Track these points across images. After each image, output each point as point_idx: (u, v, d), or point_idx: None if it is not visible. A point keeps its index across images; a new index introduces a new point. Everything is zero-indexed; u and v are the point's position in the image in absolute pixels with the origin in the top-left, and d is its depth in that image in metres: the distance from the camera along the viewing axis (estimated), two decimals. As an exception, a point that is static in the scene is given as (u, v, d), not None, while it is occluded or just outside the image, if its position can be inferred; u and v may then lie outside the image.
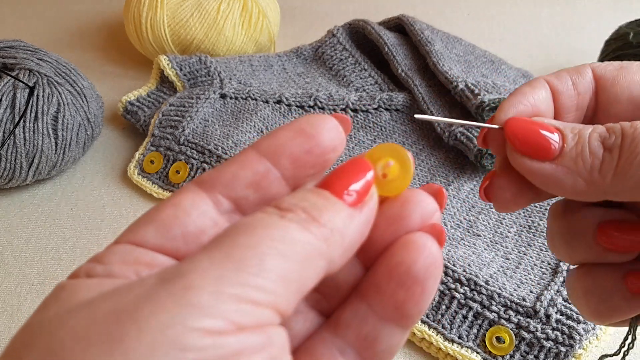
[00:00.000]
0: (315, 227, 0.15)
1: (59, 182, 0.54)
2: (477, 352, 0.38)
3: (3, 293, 0.44)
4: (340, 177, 0.16)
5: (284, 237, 0.14)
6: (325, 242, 0.15)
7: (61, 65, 0.51)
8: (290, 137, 0.17)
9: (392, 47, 0.62)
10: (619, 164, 0.19)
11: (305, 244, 0.14)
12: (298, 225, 0.14)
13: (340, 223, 0.15)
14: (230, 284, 0.13)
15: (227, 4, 0.64)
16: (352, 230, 0.16)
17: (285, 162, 0.17)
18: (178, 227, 0.16)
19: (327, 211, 0.15)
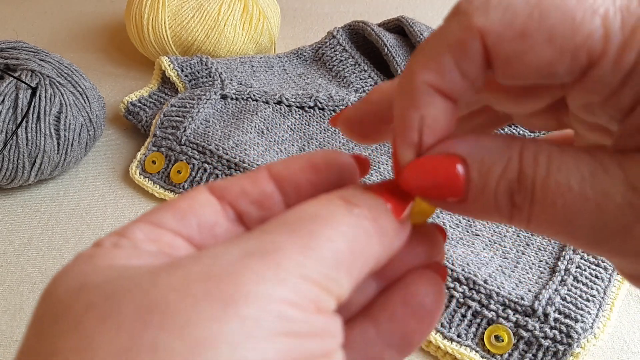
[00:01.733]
0: (376, 228, 0.15)
1: (61, 182, 0.54)
2: (476, 350, 0.39)
3: (5, 292, 0.44)
4: (389, 190, 0.17)
5: (353, 234, 0.15)
6: (381, 245, 0.16)
7: (63, 66, 0.52)
8: (301, 168, 0.17)
9: (391, 48, 0.62)
10: (530, 226, 0.16)
11: (369, 244, 0.15)
12: (365, 223, 0.15)
13: (392, 231, 0.16)
14: (312, 270, 0.14)
15: (228, 6, 0.64)
16: (396, 242, 0.16)
17: (289, 190, 0.17)
18: (194, 216, 0.16)
19: (385, 216, 0.16)
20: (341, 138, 0.56)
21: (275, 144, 0.55)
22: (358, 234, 0.15)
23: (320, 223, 0.15)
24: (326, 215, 0.15)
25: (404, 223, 0.17)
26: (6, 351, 0.40)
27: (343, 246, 0.14)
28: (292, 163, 0.18)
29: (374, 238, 0.15)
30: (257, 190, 0.17)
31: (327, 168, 0.17)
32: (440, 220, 0.47)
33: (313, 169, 0.17)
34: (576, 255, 0.43)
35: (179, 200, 0.17)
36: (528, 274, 0.42)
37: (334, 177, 0.18)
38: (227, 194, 0.17)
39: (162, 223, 0.16)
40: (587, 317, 0.38)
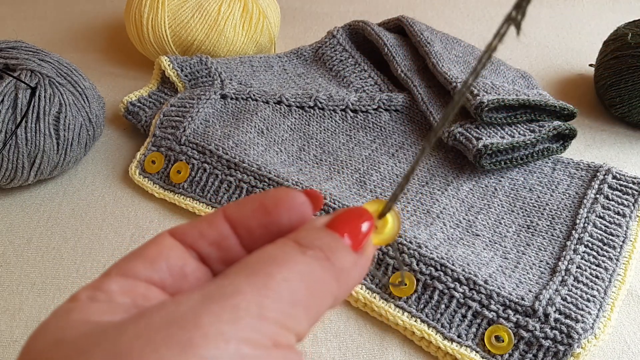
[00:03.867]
0: (329, 266, 0.16)
1: (60, 182, 0.54)
2: (476, 351, 0.39)
3: (5, 292, 0.44)
4: (347, 222, 0.18)
5: (309, 274, 0.16)
6: (336, 282, 0.16)
7: (63, 66, 0.52)
8: (252, 210, 0.18)
9: (391, 48, 0.62)
10: None
11: (324, 282, 0.16)
12: (318, 263, 0.16)
13: (347, 265, 0.17)
14: (270, 309, 0.15)
15: (228, 5, 0.64)
16: (355, 274, 0.17)
17: (242, 231, 0.18)
18: (163, 261, 0.17)
19: (338, 253, 0.17)
20: (341, 138, 0.56)
21: (275, 144, 0.54)
22: (313, 273, 0.16)
23: (278, 265, 0.16)
24: (282, 258, 0.16)
25: (364, 253, 0.18)
26: (5, 351, 0.40)
27: (299, 286, 0.15)
28: (244, 205, 0.18)
29: (328, 276, 0.16)
30: (214, 233, 0.18)
31: (277, 209, 0.18)
32: (441, 220, 0.47)
33: (263, 211, 0.18)
34: (577, 255, 0.43)
35: (147, 248, 0.17)
36: (528, 274, 0.42)
37: (285, 217, 0.18)
38: (187, 238, 0.18)
39: (134, 273, 0.17)
40: (587, 317, 0.38)
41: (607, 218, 0.46)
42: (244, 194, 0.49)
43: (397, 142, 0.56)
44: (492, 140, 0.50)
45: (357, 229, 0.18)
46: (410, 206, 0.49)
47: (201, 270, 0.18)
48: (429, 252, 0.42)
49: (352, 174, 0.52)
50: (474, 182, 0.51)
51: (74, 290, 0.44)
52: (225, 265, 0.18)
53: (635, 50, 0.57)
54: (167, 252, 0.17)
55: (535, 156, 0.52)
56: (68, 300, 0.16)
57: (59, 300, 0.43)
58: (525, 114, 0.52)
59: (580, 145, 0.59)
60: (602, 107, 0.65)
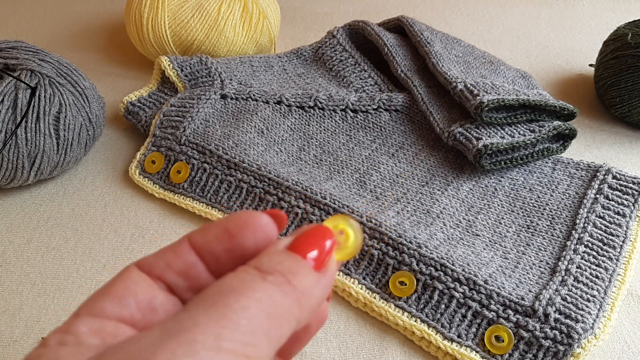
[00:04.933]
0: (290, 290, 0.17)
1: (60, 183, 0.54)
2: (476, 351, 0.39)
3: (5, 292, 0.44)
4: (308, 242, 0.18)
5: (269, 300, 0.16)
6: (298, 305, 0.17)
7: (62, 66, 0.52)
8: (216, 236, 0.18)
9: (391, 48, 0.62)
10: None
11: (284, 306, 0.16)
12: (278, 288, 0.16)
13: (309, 286, 0.17)
14: (227, 340, 0.15)
15: (228, 5, 0.64)
16: (317, 293, 0.17)
17: (208, 257, 0.18)
18: (131, 296, 0.17)
19: (300, 275, 0.17)
20: (341, 138, 0.56)
21: (275, 144, 0.55)
22: (273, 299, 0.16)
23: (236, 294, 0.16)
24: (241, 286, 0.16)
25: (327, 271, 0.18)
26: (5, 351, 0.40)
27: (258, 313, 0.15)
28: (209, 232, 0.19)
29: (289, 300, 0.16)
30: (180, 262, 0.18)
31: (241, 233, 0.18)
32: (441, 220, 0.47)
33: (227, 235, 0.18)
34: (577, 255, 0.43)
35: (114, 284, 0.18)
36: (528, 274, 0.42)
37: (250, 240, 0.18)
38: (154, 269, 0.18)
39: (103, 312, 0.17)
40: (587, 317, 0.38)
41: (607, 218, 0.46)
42: (243, 194, 0.49)
43: (397, 142, 0.56)
44: (492, 140, 0.50)
45: (318, 248, 0.18)
46: (410, 206, 0.49)
47: (170, 301, 0.18)
48: (429, 252, 0.42)
49: (352, 174, 0.52)
50: (474, 182, 0.51)
51: (74, 290, 0.44)
52: (195, 293, 0.18)
53: (635, 50, 0.57)
54: (134, 287, 0.17)
55: (535, 156, 0.52)
56: (38, 346, 0.16)
57: (59, 300, 0.43)
58: (525, 114, 0.52)
59: (580, 145, 0.59)
60: (602, 107, 0.65)
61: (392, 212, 0.47)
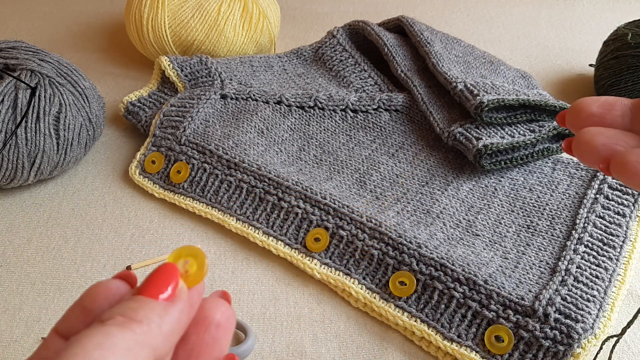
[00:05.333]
0: (133, 324, 0.17)
1: (60, 182, 0.54)
2: (476, 351, 0.39)
3: (5, 292, 0.44)
4: (152, 281, 0.19)
5: (106, 340, 0.17)
6: (144, 335, 0.17)
7: (62, 66, 0.52)
8: (76, 316, 0.20)
9: (391, 48, 0.62)
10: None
11: (127, 339, 0.17)
12: (118, 327, 0.17)
13: (155, 317, 0.18)
14: None
15: (228, 5, 0.64)
16: (168, 320, 0.18)
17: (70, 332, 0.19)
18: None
19: (142, 310, 0.18)
20: (341, 138, 0.56)
21: (275, 144, 0.55)
22: (111, 336, 0.17)
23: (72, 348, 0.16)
24: (79, 340, 0.17)
25: (177, 299, 0.19)
26: (5, 351, 0.40)
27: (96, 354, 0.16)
28: (69, 316, 0.20)
29: (131, 333, 0.17)
30: (52, 352, 0.19)
31: (95, 304, 0.19)
32: (441, 220, 0.47)
33: (85, 312, 0.19)
34: (577, 255, 0.43)
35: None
36: (528, 274, 0.42)
37: (105, 306, 0.19)
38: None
39: None
40: (587, 317, 0.38)
41: (607, 218, 0.46)
42: (243, 194, 0.49)
43: (397, 142, 0.56)
44: (492, 140, 0.50)
45: (161, 285, 0.19)
46: (410, 206, 0.49)
47: None
48: (428, 252, 0.42)
49: (352, 173, 0.52)
50: (474, 182, 0.51)
51: (74, 290, 0.44)
52: None
53: (635, 50, 0.57)
54: None
55: (535, 156, 0.52)
56: None
57: (58, 300, 0.43)
58: (525, 114, 0.52)
59: (580, 145, 0.59)
60: (602, 107, 0.65)
61: (392, 212, 0.47)
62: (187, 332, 0.20)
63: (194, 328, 0.20)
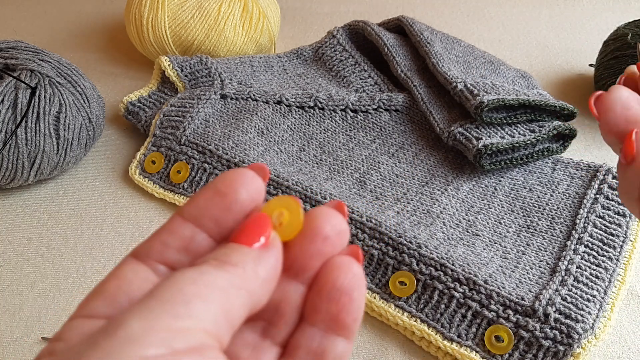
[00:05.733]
0: (228, 267, 0.17)
1: (60, 182, 0.54)
2: (476, 351, 0.39)
3: (5, 292, 0.44)
4: (244, 231, 0.18)
5: (202, 276, 0.16)
6: (239, 277, 0.17)
7: (62, 66, 0.52)
8: (208, 198, 0.19)
9: (391, 48, 0.62)
10: None
11: (221, 279, 0.16)
12: (212, 267, 0.17)
13: (250, 261, 0.17)
14: (160, 318, 0.15)
15: (228, 5, 0.64)
16: (263, 266, 0.18)
17: (207, 223, 0.18)
18: (123, 295, 0.17)
19: (236, 254, 0.17)
20: (341, 138, 0.56)
21: (275, 144, 0.55)
22: (207, 274, 0.16)
23: (168, 282, 0.16)
24: (173, 276, 0.16)
25: (270, 247, 0.18)
26: (5, 351, 0.40)
27: (189, 287, 0.16)
28: (198, 198, 0.19)
29: (226, 274, 0.17)
30: (177, 239, 0.18)
31: (232, 189, 0.19)
32: (441, 220, 0.47)
33: (220, 195, 0.18)
34: (577, 255, 0.43)
35: (107, 282, 0.18)
36: (528, 274, 0.42)
37: (243, 193, 0.19)
38: (151, 254, 0.18)
39: (94, 313, 0.17)
40: (587, 317, 0.38)
41: (607, 218, 0.46)
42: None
43: (397, 142, 0.56)
44: (492, 140, 0.50)
45: (254, 234, 0.18)
46: (410, 206, 0.49)
47: None
48: (428, 252, 0.42)
49: (352, 173, 0.52)
50: (474, 182, 0.51)
51: (74, 290, 0.44)
52: None
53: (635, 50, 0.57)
54: (127, 284, 0.17)
55: (535, 156, 0.52)
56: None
57: (58, 300, 0.43)
58: (525, 114, 0.52)
59: (580, 145, 0.59)
60: (602, 107, 0.65)
61: (392, 212, 0.47)
62: (292, 241, 0.19)
63: (300, 238, 0.19)
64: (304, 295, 0.19)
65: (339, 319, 0.19)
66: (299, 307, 0.19)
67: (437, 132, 0.54)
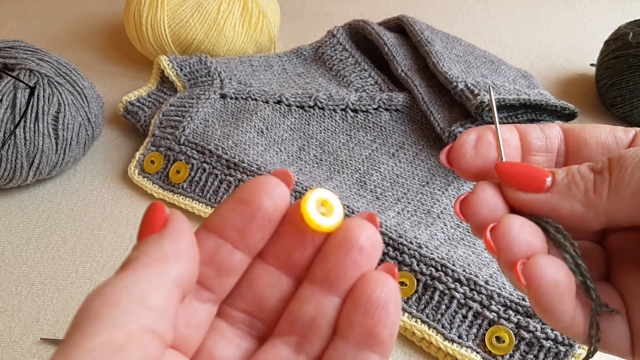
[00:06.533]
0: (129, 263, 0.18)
1: (59, 182, 0.54)
2: (477, 351, 0.38)
3: (4, 293, 0.44)
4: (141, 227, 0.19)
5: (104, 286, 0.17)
6: (145, 265, 0.18)
7: (61, 66, 0.52)
8: (231, 208, 0.18)
9: (392, 48, 0.62)
10: (612, 180, 0.19)
11: (127, 278, 0.17)
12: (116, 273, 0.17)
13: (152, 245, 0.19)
14: (76, 344, 0.15)
15: (228, 4, 0.64)
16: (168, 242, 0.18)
17: (231, 233, 0.18)
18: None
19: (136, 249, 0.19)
20: (341, 138, 0.56)
21: (275, 144, 0.54)
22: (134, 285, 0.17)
23: None
24: None
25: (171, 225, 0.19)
26: (5, 352, 0.40)
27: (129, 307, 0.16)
28: (221, 209, 0.18)
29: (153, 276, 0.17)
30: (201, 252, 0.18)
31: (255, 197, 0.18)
32: (441, 221, 0.47)
33: (242, 204, 0.18)
34: (578, 255, 0.43)
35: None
36: (529, 274, 0.42)
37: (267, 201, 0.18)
38: None
39: None
40: (589, 318, 0.38)
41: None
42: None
43: (397, 141, 0.56)
44: (493, 140, 0.50)
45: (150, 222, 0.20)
46: (410, 206, 0.48)
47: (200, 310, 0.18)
48: (429, 252, 0.42)
49: (352, 173, 0.52)
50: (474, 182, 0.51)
51: (73, 290, 0.44)
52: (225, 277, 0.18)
53: (636, 49, 0.57)
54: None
55: (536, 156, 0.52)
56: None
57: (57, 301, 0.43)
58: (526, 113, 0.52)
59: (581, 145, 0.59)
60: (604, 106, 0.65)
61: (393, 212, 0.47)
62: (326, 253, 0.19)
63: (335, 249, 0.19)
64: (338, 309, 0.19)
65: (374, 332, 0.18)
66: (333, 321, 0.19)
67: (438, 131, 0.54)
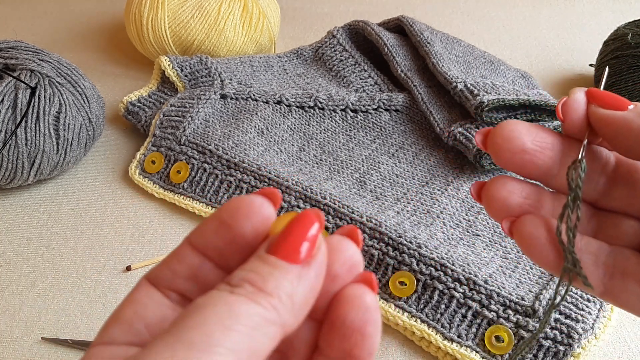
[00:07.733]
0: (262, 297, 0.15)
1: (60, 182, 0.54)
2: (476, 351, 0.38)
3: (5, 292, 0.44)
4: (287, 237, 0.16)
5: (230, 312, 0.15)
6: (274, 310, 0.15)
7: (62, 66, 0.52)
8: (213, 229, 0.17)
9: (391, 48, 0.62)
10: None
11: (252, 316, 0.15)
12: (245, 298, 0.15)
13: (288, 287, 0.16)
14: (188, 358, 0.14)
15: (228, 5, 0.64)
16: (301, 290, 0.16)
17: (212, 254, 0.18)
18: (139, 321, 0.17)
19: (273, 278, 0.16)
20: (341, 138, 0.56)
21: (275, 144, 0.54)
22: (236, 311, 0.15)
23: (196, 314, 0.15)
24: (203, 304, 0.15)
25: (312, 262, 0.16)
26: (5, 351, 0.40)
27: (215, 327, 0.14)
28: (205, 228, 0.18)
29: (260, 308, 0.15)
30: (185, 267, 0.18)
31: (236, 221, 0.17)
32: (441, 220, 0.47)
33: (224, 227, 0.17)
34: (577, 255, 0.43)
35: (124, 308, 0.17)
36: (529, 274, 0.42)
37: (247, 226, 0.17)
38: (161, 281, 0.18)
39: (114, 340, 0.17)
40: (587, 317, 0.38)
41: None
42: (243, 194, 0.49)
43: (397, 142, 0.56)
44: (492, 140, 0.50)
45: (298, 241, 0.16)
46: (410, 206, 0.49)
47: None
48: (429, 252, 0.42)
49: (352, 173, 0.52)
50: (474, 182, 0.51)
51: (73, 290, 0.44)
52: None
53: (635, 50, 0.57)
54: (142, 310, 0.17)
55: (536, 156, 0.52)
56: None
57: (58, 300, 0.43)
58: (525, 114, 0.52)
59: (580, 145, 0.59)
60: (602, 107, 0.65)
61: (392, 212, 0.47)
62: None
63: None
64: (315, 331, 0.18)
65: (353, 354, 0.17)
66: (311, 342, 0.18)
67: (437, 132, 0.54)
